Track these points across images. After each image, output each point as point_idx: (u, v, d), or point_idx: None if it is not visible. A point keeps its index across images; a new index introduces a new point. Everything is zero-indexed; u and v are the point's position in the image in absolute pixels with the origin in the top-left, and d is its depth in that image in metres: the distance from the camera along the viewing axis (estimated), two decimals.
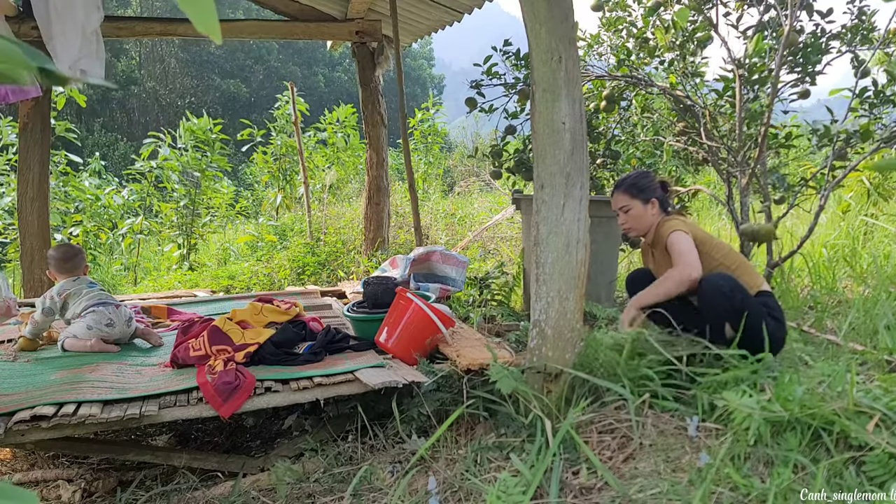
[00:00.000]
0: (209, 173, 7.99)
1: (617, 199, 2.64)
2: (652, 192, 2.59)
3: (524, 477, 1.76)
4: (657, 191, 2.61)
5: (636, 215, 2.60)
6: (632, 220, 2.62)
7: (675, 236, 2.41)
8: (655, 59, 4.04)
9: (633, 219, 2.61)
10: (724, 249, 2.49)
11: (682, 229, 2.42)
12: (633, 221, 2.62)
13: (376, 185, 5.78)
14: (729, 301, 2.23)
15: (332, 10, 5.42)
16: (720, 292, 2.25)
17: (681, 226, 2.46)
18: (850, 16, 3.53)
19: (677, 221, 2.50)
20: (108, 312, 2.97)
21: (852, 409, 1.71)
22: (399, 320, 2.74)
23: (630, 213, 2.60)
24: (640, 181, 2.61)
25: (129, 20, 5.25)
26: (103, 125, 23.26)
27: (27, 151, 4.64)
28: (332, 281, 5.98)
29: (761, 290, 2.41)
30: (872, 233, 5.03)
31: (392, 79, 6.29)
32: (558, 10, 2.09)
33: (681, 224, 2.48)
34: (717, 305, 2.26)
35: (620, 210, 2.63)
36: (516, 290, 4.06)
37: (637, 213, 2.59)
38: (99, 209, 8.07)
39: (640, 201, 2.58)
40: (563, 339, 2.16)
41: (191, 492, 2.23)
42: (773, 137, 3.74)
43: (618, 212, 2.66)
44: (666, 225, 2.50)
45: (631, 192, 2.59)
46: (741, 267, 2.44)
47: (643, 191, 2.58)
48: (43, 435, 2.05)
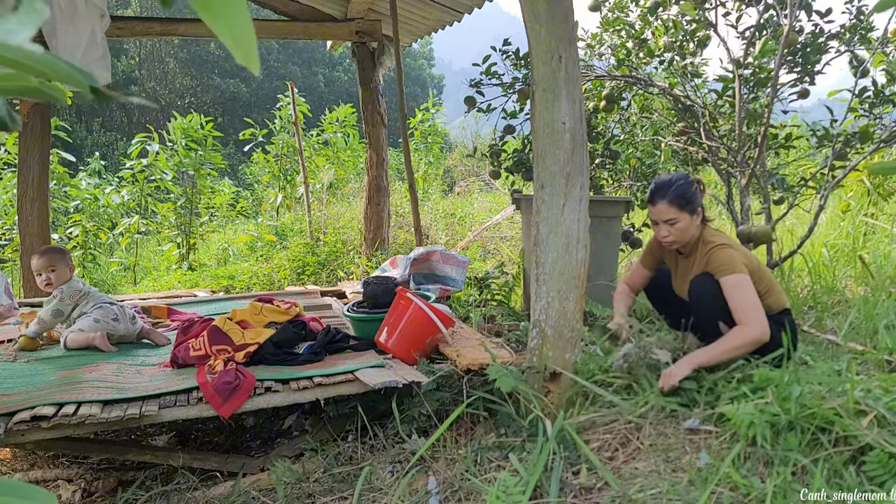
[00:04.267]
0: (204, 171, 7.98)
1: (661, 211, 2.33)
2: (698, 202, 2.34)
3: (524, 477, 1.76)
4: (700, 198, 2.37)
5: (683, 228, 2.33)
6: (677, 233, 2.34)
7: (738, 280, 2.15)
8: (655, 59, 4.04)
9: (679, 232, 2.34)
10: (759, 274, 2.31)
11: (742, 270, 2.18)
12: (677, 234, 2.34)
13: (376, 185, 5.78)
14: (718, 302, 2.22)
15: (332, 10, 5.42)
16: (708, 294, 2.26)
17: (738, 258, 2.22)
18: (848, 16, 3.53)
19: (734, 253, 2.24)
20: (114, 309, 3.00)
21: (852, 409, 1.71)
22: (399, 320, 2.74)
23: (676, 226, 2.32)
24: (688, 191, 2.32)
25: (129, 20, 5.25)
26: (103, 125, 23.24)
27: (27, 151, 4.64)
28: (332, 281, 5.98)
29: (785, 307, 2.35)
30: (873, 233, 5.03)
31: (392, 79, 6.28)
32: (558, 10, 2.09)
33: (736, 254, 2.24)
34: (708, 306, 2.26)
35: (665, 222, 2.34)
36: (516, 290, 4.06)
37: (684, 225, 2.32)
38: (98, 209, 8.07)
39: (687, 213, 2.32)
40: (563, 339, 2.16)
41: (191, 492, 2.23)
42: (773, 138, 3.74)
43: (658, 222, 2.39)
44: (722, 251, 2.25)
45: (679, 203, 2.30)
46: (771, 289, 2.32)
47: (691, 202, 2.32)
48: (43, 435, 2.05)
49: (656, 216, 2.37)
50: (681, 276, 2.50)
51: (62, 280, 2.99)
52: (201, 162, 7.91)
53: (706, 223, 2.42)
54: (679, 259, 2.53)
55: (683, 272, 2.48)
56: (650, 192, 2.40)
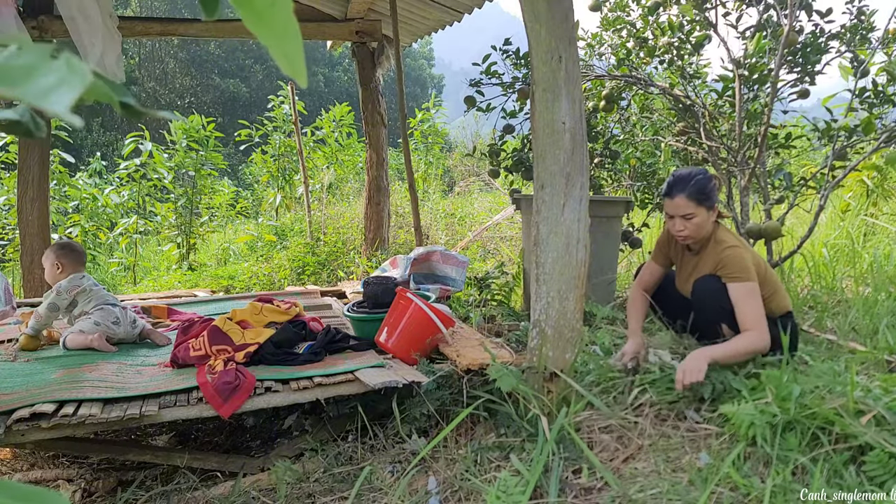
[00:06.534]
0: (204, 171, 7.98)
1: (678, 205, 2.31)
2: (716, 198, 2.33)
3: (524, 477, 1.76)
4: (717, 195, 2.37)
5: (699, 224, 2.31)
6: (692, 229, 2.32)
7: (749, 290, 2.16)
8: (655, 59, 4.04)
9: (695, 227, 2.32)
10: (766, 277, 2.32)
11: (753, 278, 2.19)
12: (693, 229, 2.32)
13: (376, 185, 5.78)
14: (721, 304, 2.23)
15: (331, 10, 5.42)
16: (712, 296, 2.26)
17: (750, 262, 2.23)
18: (849, 16, 3.53)
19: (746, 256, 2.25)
20: (115, 311, 2.99)
21: (853, 409, 1.71)
22: (399, 320, 2.74)
23: (693, 220, 2.31)
24: (707, 185, 2.30)
25: (129, 20, 5.24)
26: (102, 124, 23.22)
27: (27, 151, 4.64)
28: (332, 281, 5.98)
29: (788, 310, 2.36)
30: (873, 233, 5.03)
31: (392, 79, 6.28)
32: (558, 9, 2.09)
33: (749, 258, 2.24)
34: (710, 308, 2.27)
35: (682, 217, 2.33)
36: (516, 290, 4.06)
37: (700, 221, 2.31)
38: (97, 209, 8.06)
39: (705, 209, 2.30)
40: (563, 339, 2.16)
41: (191, 492, 2.23)
42: (773, 138, 3.74)
43: (673, 216, 2.36)
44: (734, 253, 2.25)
45: (698, 198, 2.29)
46: (776, 292, 2.32)
47: (709, 197, 2.30)
48: (43, 435, 2.05)
49: (673, 210, 2.34)
50: (686, 272, 2.49)
51: (53, 277, 3.00)
52: (202, 162, 7.91)
53: (719, 221, 2.41)
54: (686, 255, 2.51)
55: (690, 269, 2.47)
56: (668, 185, 2.37)
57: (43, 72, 0.36)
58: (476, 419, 2.34)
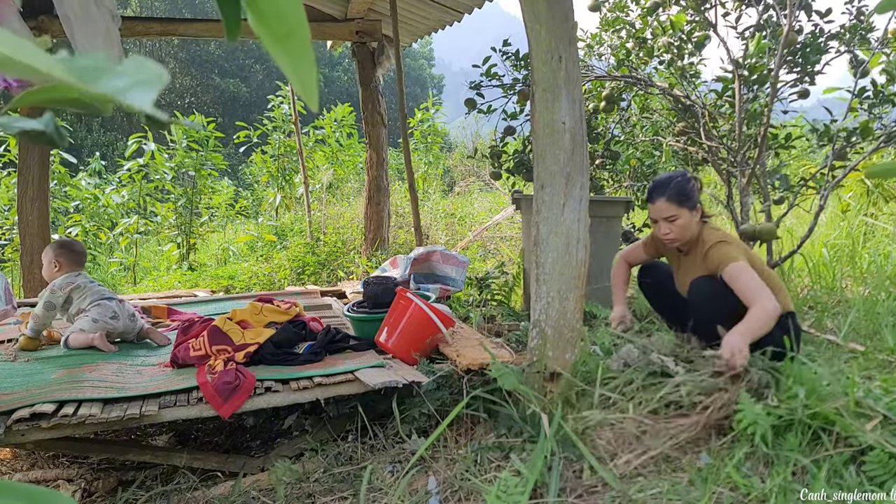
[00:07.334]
0: (204, 172, 7.98)
1: (660, 208, 2.36)
2: (697, 198, 2.37)
3: (524, 476, 1.76)
4: (699, 195, 2.40)
5: (683, 225, 2.35)
6: (677, 231, 2.36)
7: (738, 270, 2.17)
8: (655, 60, 4.04)
9: (680, 229, 2.35)
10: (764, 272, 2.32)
11: (740, 259, 2.21)
12: (678, 232, 2.36)
13: (376, 185, 5.78)
14: (716, 304, 2.23)
15: (332, 10, 5.42)
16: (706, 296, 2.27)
17: (736, 252, 2.24)
18: (848, 16, 3.53)
19: (730, 247, 2.28)
20: (112, 305, 2.97)
21: (853, 409, 1.71)
22: (399, 320, 2.74)
23: (676, 222, 2.34)
24: (686, 187, 2.34)
25: (129, 20, 5.24)
26: (102, 124, 23.22)
27: (27, 151, 4.64)
28: (332, 281, 5.98)
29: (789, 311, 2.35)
30: (873, 233, 5.03)
31: (392, 79, 6.29)
32: (558, 9, 2.10)
33: (734, 249, 2.26)
34: (705, 308, 2.27)
35: (665, 220, 2.37)
36: (516, 290, 4.06)
37: (684, 222, 2.34)
38: (98, 209, 8.06)
39: (687, 209, 2.34)
40: (563, 339, 2.16)
41: (191, 492, 2.23)
42: (773, 138, 3.75)
43: (658, 220, 2.40)
44: (718, 248, 2.28)
45: (678, 199, 2.33)
46: (778, 293, 2.30)
47: (690, 198, 2.34)
48: (43, 435, 2.05)
49: (656, 214, 2.39)
50: (682, 273, 2.52)
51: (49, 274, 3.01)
52: (202, 162, 7.91)
53: (705, 221, 2.44)
54: (680, 257, 2.54)
55: (685, 270, 2.50)
56: (649, 191, 2.43)
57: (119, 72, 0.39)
58: (476, 419, 2.34)
